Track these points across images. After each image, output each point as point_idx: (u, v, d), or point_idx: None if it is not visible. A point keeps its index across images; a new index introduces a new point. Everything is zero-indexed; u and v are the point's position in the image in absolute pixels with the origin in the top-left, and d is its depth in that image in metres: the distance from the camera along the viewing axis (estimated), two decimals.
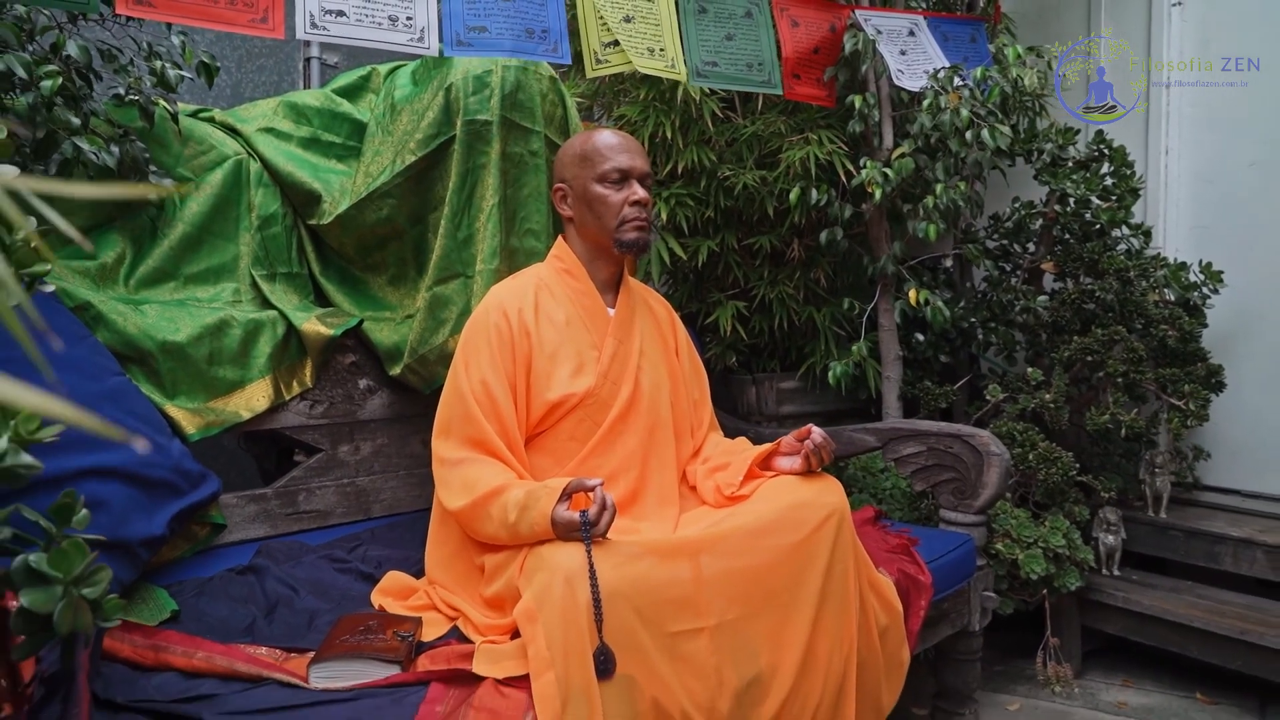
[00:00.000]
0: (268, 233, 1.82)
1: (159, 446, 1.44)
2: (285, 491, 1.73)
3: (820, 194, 2.14)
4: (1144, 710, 2.07)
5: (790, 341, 2.55)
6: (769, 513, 1.37)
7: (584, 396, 1.43)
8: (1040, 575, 2.00)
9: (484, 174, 1.79)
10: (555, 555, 1.15)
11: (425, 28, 1.39)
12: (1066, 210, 2.33)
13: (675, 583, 1.22)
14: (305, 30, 1.38)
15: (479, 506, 1.28)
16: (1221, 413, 2.45)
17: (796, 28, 1.99)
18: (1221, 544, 2.21)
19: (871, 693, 1.47)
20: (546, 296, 1.48)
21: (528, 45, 1.49)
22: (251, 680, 1.09)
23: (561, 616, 1.10)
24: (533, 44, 1.49)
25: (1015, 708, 2.09)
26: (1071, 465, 2.11)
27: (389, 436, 1.89)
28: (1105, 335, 2.19)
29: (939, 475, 1.98)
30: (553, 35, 1.52)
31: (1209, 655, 2.03)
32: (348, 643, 1.13)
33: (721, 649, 1.23)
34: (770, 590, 1.32)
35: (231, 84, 2.54)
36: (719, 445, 1.64)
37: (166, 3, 1.32)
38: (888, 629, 1.51)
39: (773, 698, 1.28)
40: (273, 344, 1.70)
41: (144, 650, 1.12)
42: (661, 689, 1.15)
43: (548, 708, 1.05)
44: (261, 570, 1.45)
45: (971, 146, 2.00)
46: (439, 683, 1.09)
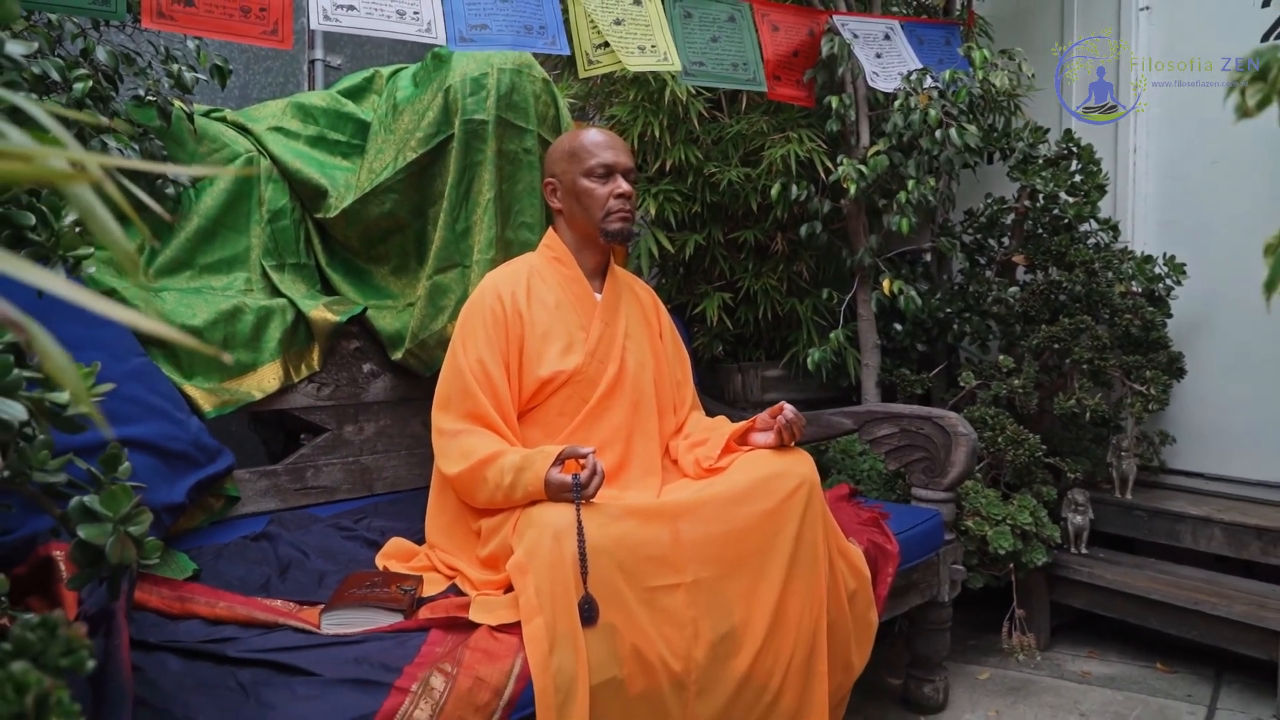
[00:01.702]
0: (277, 226, 1.93)
1: (179, 422, 1.55)
2: (294, 468, 1.84)
3: (800, 190, 2.25)
4: (1106, 679, 2.19)
5: (775, 331, 2.67)
6: (743, 483, 1.48)
7: (572, 374, 1.55)
8: (1008, 551, 2.11)
9: (481, 170, 1.91)
10: (545, 514, 1.27)
11: (431, 21, 1.51)
12: (1036, 205, 2.45)
13: (655, 542, 1.33)
14: (319, 22, 1.49)
15: (475, 471, 1.39)
16: (1186, 399, 2.57)
17: (777, 32, 2.10)
18: (1182, 523, 2.32)
19: (841, 651, 1.59)
20: (538, 282, 1.60)
21: (526, 40, 1.60)
22: (268, 626, 1.20)
23: (550, 569, 1.21)
24: (531, 38, 1.60)
25: (985, 677, 2.21)
26: (1038, 447, 2.23)
27: (391, 418, 2.01)
28: (1072, 324, 2.30)
29: (911, 455, 2.10)
30: (550, 30, 1.63)
31: (1167, 626, 2.14)
32: (356, 594, 1.25)
33: (697, 604, 1.35)
34: (743, 553, 1.43)
35: (240, 85, 2.65)
36: (700, 423, 1.75)
37: (187, 16, 1.43)
38: (856, 593, 1.63)
39: (746, 651, 1.40)
40: (282, 329, 1.81)
41: (171, 601, 1.23)
42: (641, 637, 1.27)
43: (536, 649, 1.16)
44: (274, 537, 1.57)
45: (942, 145, 2.11)
46: (438, 629, 1.21)
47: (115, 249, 0.43)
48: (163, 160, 1.71)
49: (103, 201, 0.44)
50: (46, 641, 0.47)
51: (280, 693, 1.01)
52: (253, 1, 1.51)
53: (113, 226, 0.45)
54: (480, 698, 1.08)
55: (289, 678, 1.04)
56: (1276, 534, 2.14)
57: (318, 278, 2.01)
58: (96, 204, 0.44)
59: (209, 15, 1.49)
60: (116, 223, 0.45)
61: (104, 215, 0.44)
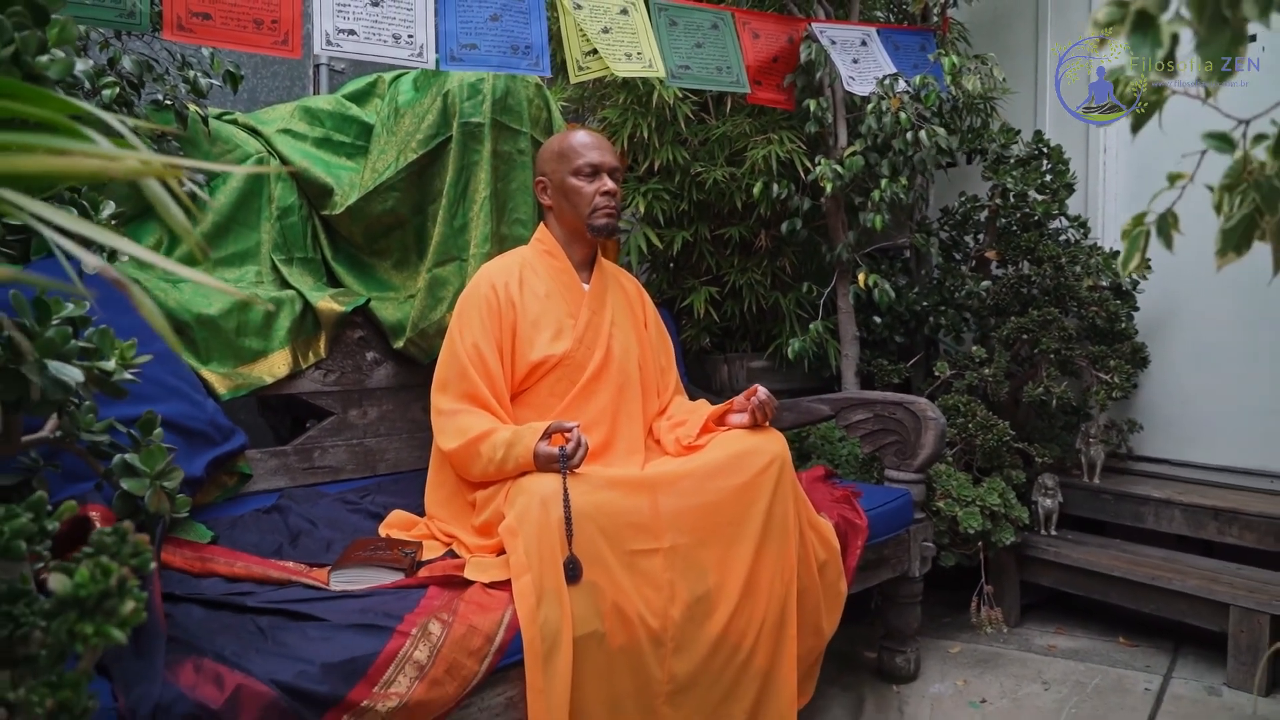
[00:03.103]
0: (286, 222, 2.06)
1: (197, 403, 1.67)
2: (302, 449, 1.96)
3: (781, 188, 2.37)
4: (1070, 651, 2.31)
5: (759, 324, 2.79)
6: (718, 459, 1.60)
7: (562, 358, 1.67)
8: (977, 530, 2.23)
9: (477, 170, 2.03)
10: (534, 483, 1.39)
11: (424, 44, 1.63)
12: (1007, 203, 2.57)
13: (635, 510, 1.45)
14: (321, 47, 1.62)
15: (471, 446, 1.52)
16: (1152, 389, 2.69)
17: (758, 39, 2.23)
18: (1145, 505, 2.44)
19: (812, 616, 1.71)
20: (530, 273, 1.72)
21: (512, 60, 1.72)
22: (282, 583, 1.32)
23: (538, 531, 1.33)
24: (517, 59, 1.72)
25: (956, 650, 2.33)
26: (1006, 432, 2.35)
27: (393, 403, 2.13)
28: (1040, 316, 2.42)
29: (884, 439, 2.22)
30: (535, 50, 1.76)
31: (1128, 601, 2.26)
32: (361, 555, 1.37)
33: (674, 567, 1.47)
34: (718, 523, 1.55)
35: (249, 88, 2.77)
36: (682, 406, 1.88)
37: (205, 28, 1.55)
38: (826, 563, 1.75)
39: (720, 613, 1.52)
40: (291, 319, 1.94)
41: (193, 561, 1.36)
42: (621, 595, 1.39)
43: (525, 603, 1.29)
44: (285, 509, 1.69)
45: (914, 146, 2.23)
46: (436, 586, 1.33)
47: (180, 231, 0.55)
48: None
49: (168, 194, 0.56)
50: (119, 545, 0.59)
51: (294, 634, 1.13)
52: (265, 14, 1.64)
53: (176, 211, 0.57)
54: (473, 643, 1.21)
55: (302, 623, 1.17)
56: (1231, 514, 2.26)
57: (324, 271, 2.13)
58: (164, 194, 0.56)
59: (224, 27, 1.61)
60: (180, 210, 0.57)
61: (170, 203, 0.56)
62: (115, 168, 0.52)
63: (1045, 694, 2.06)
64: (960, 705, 2.02)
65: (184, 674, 0.98)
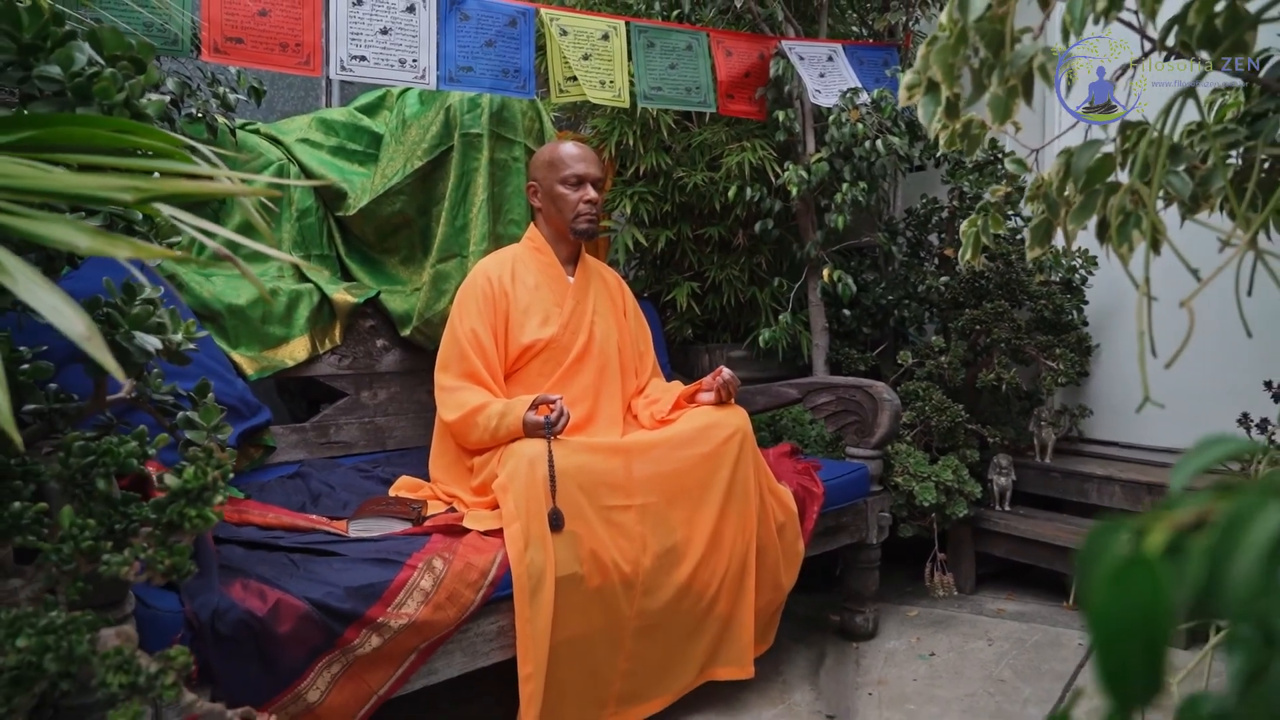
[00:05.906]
0: (304, 222, 2.29)
1: (229, 381, 1.90)
2: (319, 425, 2.19)
3: (754, 191, 2.59)
4: (1017, 614, 2.53)
5: (738, 316, 3.01)
6: (686, 431, 1.83)
7: (549, 341, 1.90)
8: (932, 504, 2.45)
9: (476, 176, 2.26)
10: (523, 446, 1.62)
11: (427, 68, 1.86)
12: (964, 205, 2.79)
13: (611, 472, 1.68)
14: (336, 73, 1.85)
15: (469, 417, 1.74)
16: (1102, 376, 2.91)
17: (730, 56, 2.45)
18: (1089, 482, 2.66)
19: (771, 572, 1.93)
20: (521, 267, 1.95)
21: (503, 83, 1.95)
22: (307, 530, 1.55)
23: (526, 487, 1.56)
24: (506, 82, 1.95)
25: (914, 614, 2.55)
26: (960, 414, 2.57)
27: (401, 386, 2.36)
28: (992, 309, 2.64)
29: (845, 419, 2.44)
30: (523, 74, 1.99)
31: (1068, 568, 2.48)
32: (375, 508, 1.60)
33: (645, 522, 1.69)
34: (686, 487, 1.77)
35: (267, 99, 3.00)
36: (658, 386, 2.10)
37: (238, 52, 1.78)
38: (784, 525, 1.97)
39: (686, 564, 1.74)
40: (309, 309, 2.17)
41: (231, 513, 1.58)
42: (598, 543, 1.61)
43: (514, 547, 1.51)
44: (306, 475, 1.92)
45: (873, 153, 2.46)
46: (440, 533, 1.55)
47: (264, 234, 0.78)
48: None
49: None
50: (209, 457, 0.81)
51: (320, 566, 1.36)
52: (290, 39, 1.87)
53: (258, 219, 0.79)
54: (470, 576, 1.43)
55: (327, 558, 1.39)
56: (1162, 489, 2.47)
57: (338, 266, 2.36)
58: (251, 207, 0.79)
59: (255, 50, 1.84)
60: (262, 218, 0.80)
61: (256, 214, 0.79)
62: (235, 189, 0.74)
63: (989, 648, 2.28)
64: (911, 658, 2.24)
65: (234, 589, 1.21)
